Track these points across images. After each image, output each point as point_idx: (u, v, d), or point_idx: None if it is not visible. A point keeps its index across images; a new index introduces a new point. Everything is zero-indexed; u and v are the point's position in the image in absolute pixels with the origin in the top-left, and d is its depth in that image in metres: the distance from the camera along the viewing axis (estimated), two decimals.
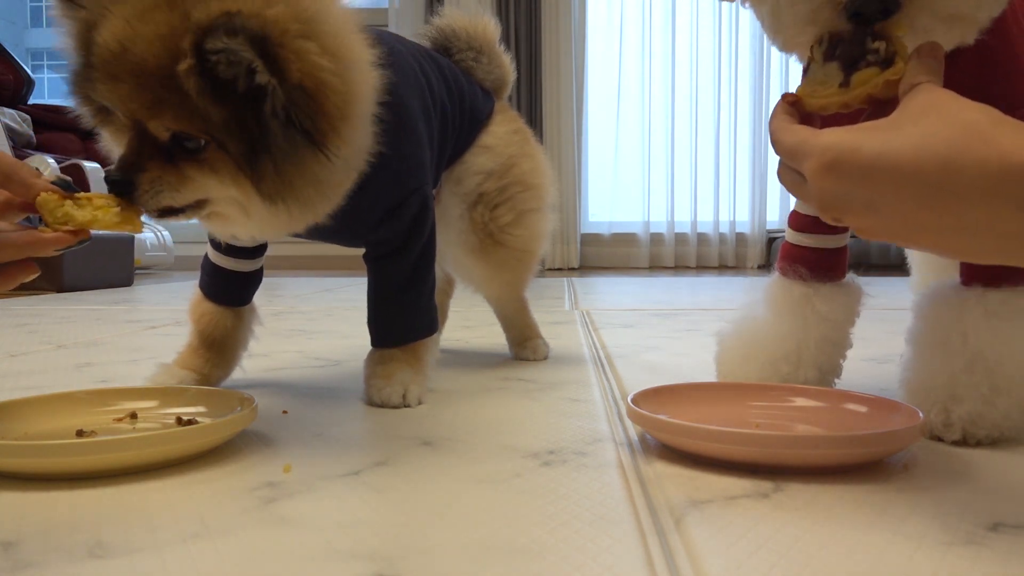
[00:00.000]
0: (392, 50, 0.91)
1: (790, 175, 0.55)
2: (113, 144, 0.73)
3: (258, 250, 0.95)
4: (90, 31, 0.66)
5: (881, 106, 0.55)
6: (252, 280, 0.96)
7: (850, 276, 0.87)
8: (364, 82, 0.74)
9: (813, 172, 0.50)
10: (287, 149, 0.67)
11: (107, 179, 0.68)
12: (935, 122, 0.46)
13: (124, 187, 0.68)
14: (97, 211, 0.66)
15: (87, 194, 0.67)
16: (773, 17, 0.63)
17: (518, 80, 4.21)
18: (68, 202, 0.65)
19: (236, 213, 0.73)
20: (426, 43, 1.13)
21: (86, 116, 0.72)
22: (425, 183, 0.91)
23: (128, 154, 0.69)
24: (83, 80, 0.68)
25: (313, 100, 0.67)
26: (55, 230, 0.65)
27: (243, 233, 0.78)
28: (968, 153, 0.44)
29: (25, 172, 0.64)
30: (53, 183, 0.66)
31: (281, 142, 0.67)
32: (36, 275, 0.66)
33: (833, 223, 0.53)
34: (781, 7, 0.61)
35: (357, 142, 0.74)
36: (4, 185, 0.63)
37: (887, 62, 0.55)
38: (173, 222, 0.74)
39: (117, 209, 0.68)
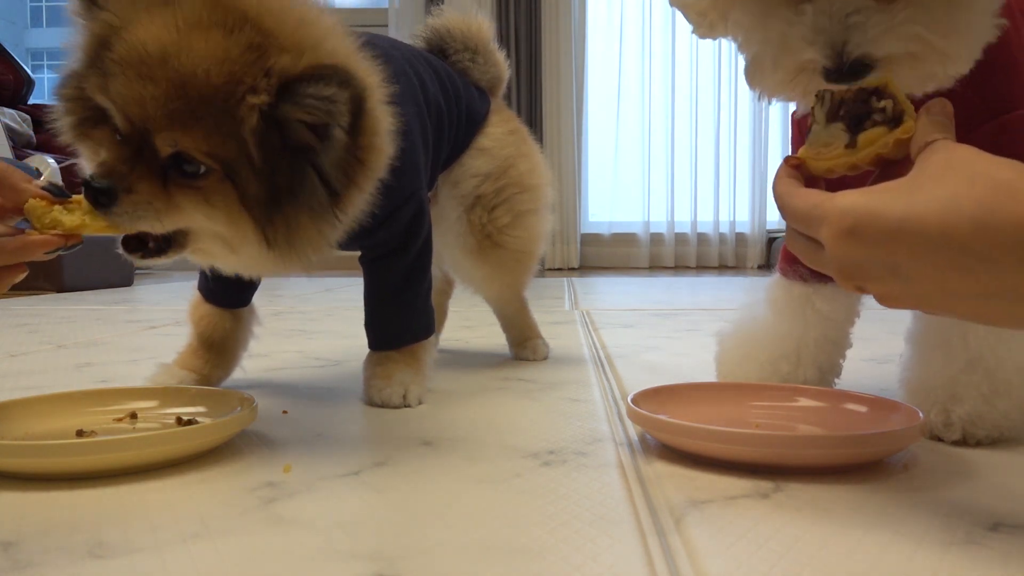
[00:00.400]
0: (386, 56, 0.91)
1: (803, 242, 0.52)
2: (90, 162, 0.68)
3: None
4: (111, 33, 0.63)
5: (891, 166, 0.53)
6: (250, 283, 0.96)
7: None
8: (389, 153, 0.75)
9: (832, 238, 0.47)
10: (312, 204, 0.66)
11: (87, 183, 0.63)
12: (961, 181, 0.44)
13: (104, 197, 0.63)
14: (86, 215, 0.64)
15: (78, 197, 0.65)
16: (755, 68, 0.62)
17: (518, 80, 4.22)
18: (57, 207, 0.64)
19: (220, 250, 0.71)
20: (421, 44, 1.13)
21: (66, 126, 0.68)
22: (420, 187, 0.91)
23: (116, 162, 0.64)
24: (85, 78, 0.65)
25: (362, 166, 0.69)
26: (42, 234, 0.63)
27: (225, 268, 0.77)
28: (1001, 213, 0.42)
29: (16, 177, 0.63)
30: (44, 188, 0.65)
31: (309, 196, 0.66)
32: (25, 274, 0.65)
33: (855, 292, 0.50)
34: (764, 62, 0.60)
35: (363, 206, 0.74)
36: None
37: (894, 120, 0.53)
38: (141, 261, 0.71)
39: None
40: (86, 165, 0.69)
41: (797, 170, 0.56)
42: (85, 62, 0.65)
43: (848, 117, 0.54)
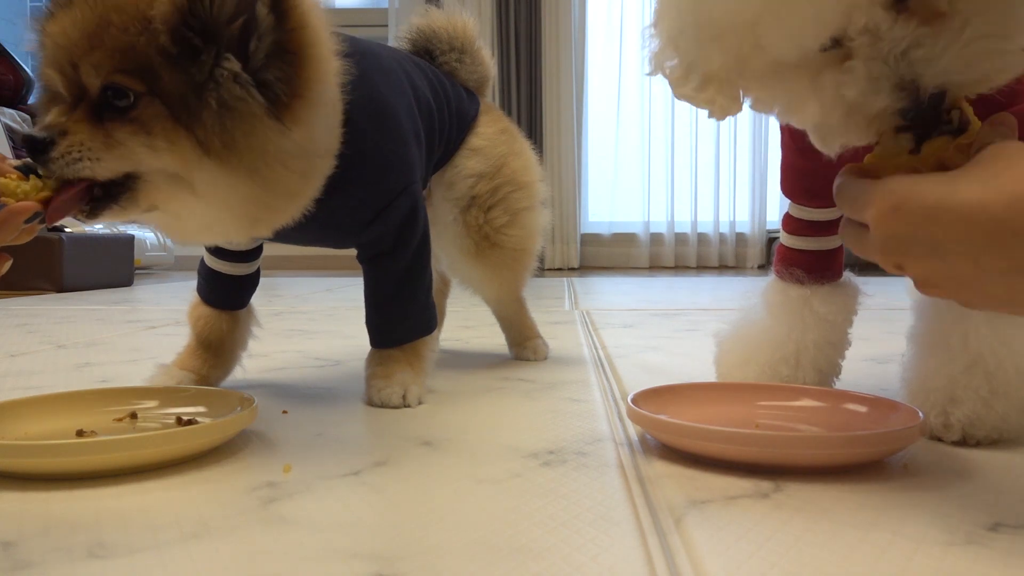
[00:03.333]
0: (372, 52, 0.91)
1: (853, 229, 0.53)
2: None
3: (253, 253, 0.95)
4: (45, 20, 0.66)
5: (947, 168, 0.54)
6: (248, 284, 0.96)
7: (847, 275, 0.87)
8: (331, 64, 0.73)
9: (876, 217, 0.48)
10: (241, 99, 0.64)
11: (25, 137, 0.64)
12: (1003, 164, 0.45)
13: (38, 146, 0.63)
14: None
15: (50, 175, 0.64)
16: (823, 134, 0.61)
17: (518, 80, 4.22)
18: (30, 181, 0.63)
19: (177, 192, 0.67)
20: (407, 45, 1.13)
21: (38, 115, 0.68)
22: (413, 182, 0.90)
23: (55, 116, 0.65)
24: (42, 69, 0.67)
25: (298, 57, 0.66)
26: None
27: (197, 226, 0.72)
28: None
29: None
30: (16, 168, 0.64)
31: (234, 90, 0.64)
32: (9, 263, 0.64)
33: (896, 271, 0.50)
34: (831, 128, 0.58)
35: (314, 126, 0.70)
36: None
37: (960, 130, 0.53)
38: (106, 219, 0.69)
39: None
40: None
41: (858, 173, 0.56)
42: (39, 58, 0.67)
43: (916, 127, 0.54)
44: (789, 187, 0.85)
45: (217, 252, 0.93)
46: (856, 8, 0.52)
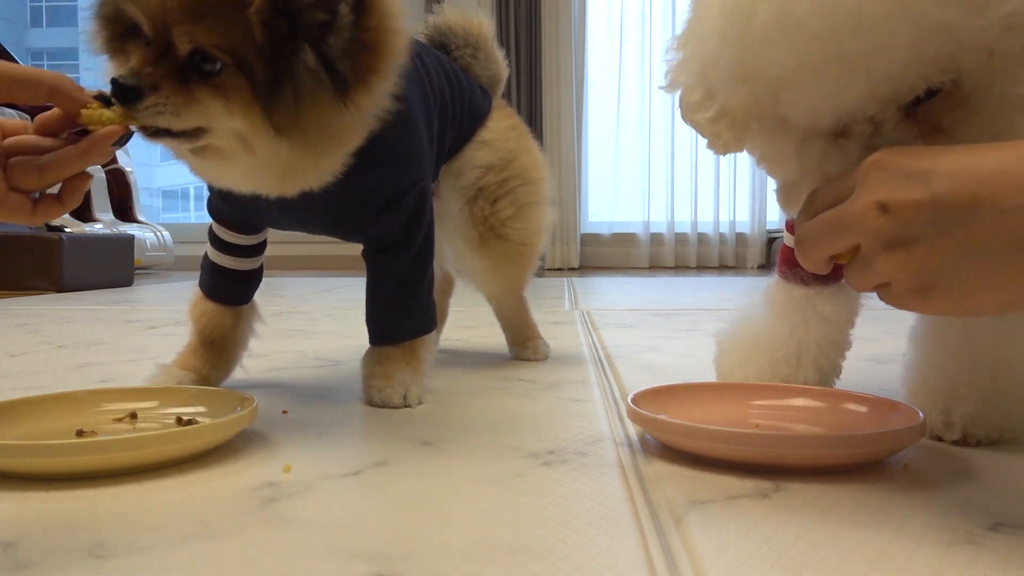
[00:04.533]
0: None
1: (832, 236, 0.51)
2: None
3: (257, 248, 0.95)
4: None
5: None
6: (252, 278, 0.96)
7: None
8: (405, 37, 0.76)
9: (863, 183, 0.48)
10: (313, 87, 0.68)
11: (115, 81, 0.67)
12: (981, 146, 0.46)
13: (130, 94, 0.67)
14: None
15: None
16: (789, 194, 0.60)
17: (518, 80, 4.22)
18: (108, 111, 0.66)
19: (236, 147, 0.72)
20: (423, 41, 1.14)
21: (101, 41, 0.72)
22: (424, 177, 0.91)
23: (142, 65, 0.68)
24: None
25: (370, 51, 0.71)
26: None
27: (236, 174, 0.77)
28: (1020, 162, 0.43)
29: (68, 85, 0.64)
30: (95, 97, 0.66)
31: (309, 79, 0.68)
32: (92, 179, 0.66)
33: (893, 268, 0.48)
34: (799, 191, 0.58)
35: (378, 98, 0.75)
36: (50, 98, 0.63)
37: None
38: (165, 143, 0.72)
39: None
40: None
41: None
42: None
43: None
44: None
45: (221, 246, 0.93)
46: (876, 101, 0.52)
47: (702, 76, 0.61)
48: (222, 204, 0.91)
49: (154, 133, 0.70)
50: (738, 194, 4.28)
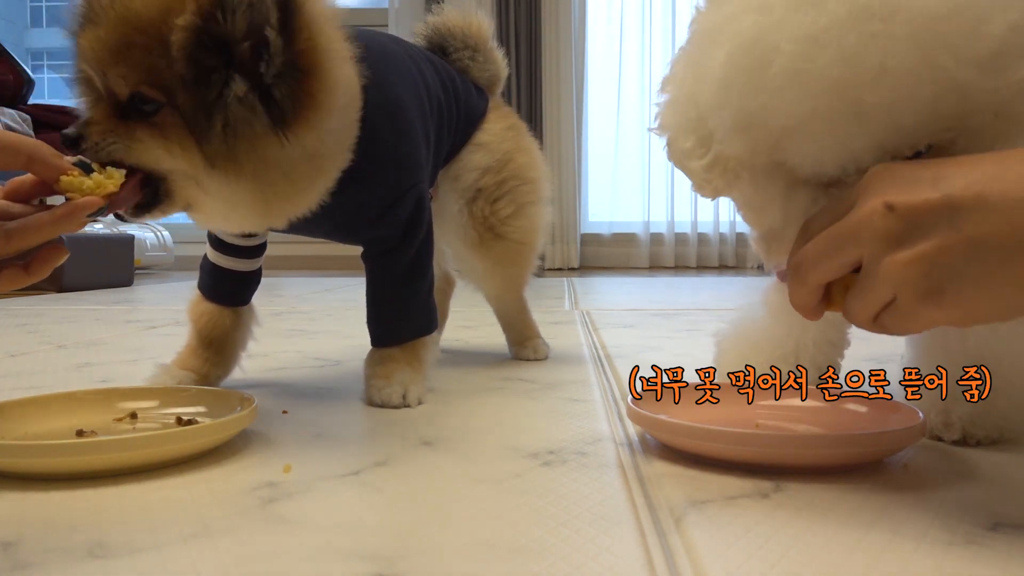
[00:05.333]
0: (387, 51, 0.92)
1: (837, 264, 0.50)
2: None
3: (257, 250, 0.95)
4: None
5: None
6: (251, 280, 0.96)
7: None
8: (343, 74, 0.75)
9: (867, 191, 0.47)
10: (246, 117, 0.68)
11: (62, 135, 0.69)
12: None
13: (75, 140, 0.69)
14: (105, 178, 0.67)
15: (109, 169, 0.67)
16: (770, 243, 0.60)
17: (518, 80, 4.21)
18: (92, 177, 0.65)
19: (196, 193, 0.72)
20: (422, 42, 1.15)
21: (76, 94, 0.73)
22: (421, 181, 0.91)
23: (88, 114, 0.70)
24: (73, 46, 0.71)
25: (307, 74, 0.69)
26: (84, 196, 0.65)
27: (214, 219, 0.78)
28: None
29: (46, 152, 0.63)
30: (74, 164, 0.66)
31: (241, 109, 0.67)
32: (67, 256, 0.65)
33: (912, 274, 0.46)
34: (782, 240, 0.58)
35: (323, 133, 0.73)
36: (28, 166, 0.62)
37: None
38: (151, 218, 0.75)
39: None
40: None
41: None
42: (76, 59, 0.71)
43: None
44: None
45: (221, 247, 0.93)
46: (881, 152, 0.52)
47: (697, 122, 0.60)
48: None
49: (139, 210, 0.71)
50: None
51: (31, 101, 3.69)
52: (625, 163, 4.31)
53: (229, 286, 0.95)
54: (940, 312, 0.46)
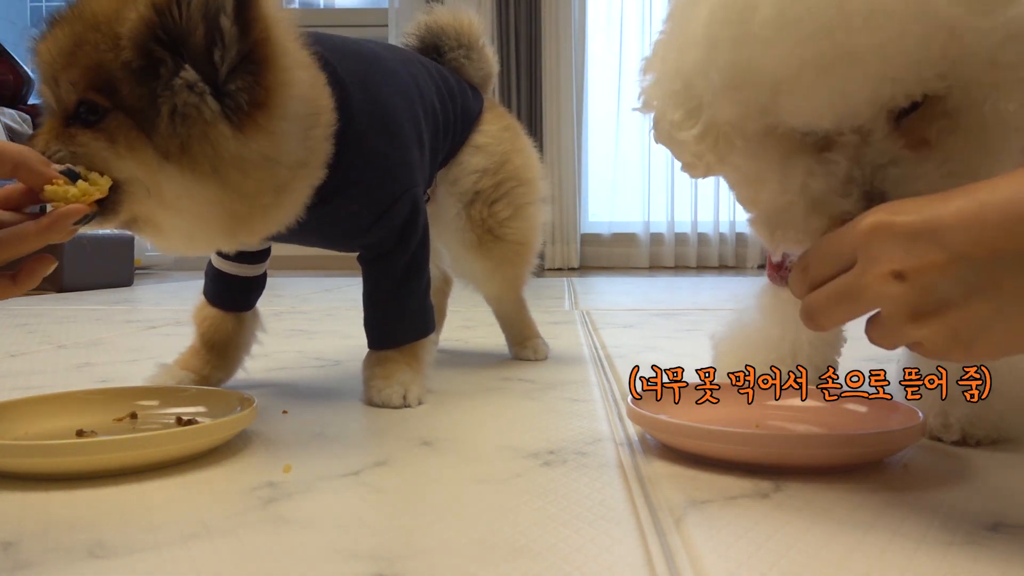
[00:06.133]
0: (376, 55, 0.92)
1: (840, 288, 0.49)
2: None
3: (261, 255, 0.95)
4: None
5: None
6: (254, 285, 0.96)
7: None
8: (297, 75, 0.73)
9: (880, 275, 0.45)
10: (197, 103, 0.66)
11: None
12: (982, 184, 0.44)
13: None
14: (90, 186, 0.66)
15: (94, 175, 0.67)
16: (768, 221, 0.58)
17: (518, 80, 4.21)
18: (77, 185, 0.65)
19: (148, 207, 0.69)
20: (414, 42, 1.14)
21: (41, 110, 0.73)
22: (414, 184, 0.91)
23: (46, 126, 0.69)
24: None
25: (257, 68, 0.68)
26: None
27: (176, 234, 0.74)
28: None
29: (34, 160, 0.63)
30: (61, 172, 0.65)
31: (190, 96, 0.66)
32: (55, 265, 0.65)
33: (917, 300, 0.45)
34: (781, 217, 0.56)
35: (279, 136, 0.71)
36: (14, 174, 0.62)
37: None
38: (92, 227, 0.70)
39: None
40: None
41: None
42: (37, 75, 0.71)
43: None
44: None
45: (224, 252, 0.93)
46: (876, 104, 0.51)
47: (684, 92, 0.58)
48: None
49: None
50: None
51: (31, 101, 3.69)
52: (625, 163, 4.31)
53: (232, 291, 0.95)
54: (972, 355, 0.46)
